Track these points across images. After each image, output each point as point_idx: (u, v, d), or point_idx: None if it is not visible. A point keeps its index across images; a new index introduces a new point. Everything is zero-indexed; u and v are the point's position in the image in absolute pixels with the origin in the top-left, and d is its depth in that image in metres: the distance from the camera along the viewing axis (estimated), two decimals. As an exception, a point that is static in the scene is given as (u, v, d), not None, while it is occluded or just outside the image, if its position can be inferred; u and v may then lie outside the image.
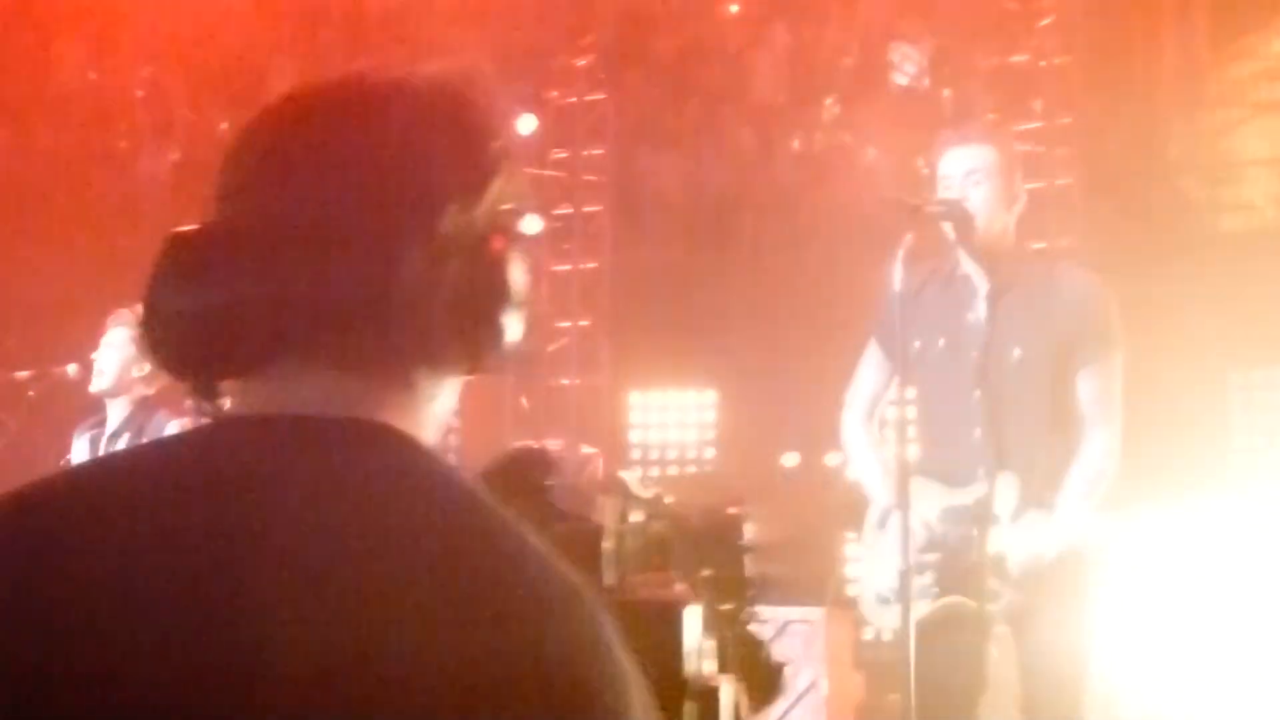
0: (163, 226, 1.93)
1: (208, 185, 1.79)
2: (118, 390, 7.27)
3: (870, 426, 5.38)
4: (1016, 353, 5.02)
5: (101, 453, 7.20)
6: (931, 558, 4.96)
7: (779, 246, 14.58)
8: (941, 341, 5.14)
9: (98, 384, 7.24)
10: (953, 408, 5.14)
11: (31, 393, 7.27)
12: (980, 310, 5.10)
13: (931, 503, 5.01)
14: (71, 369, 7.25)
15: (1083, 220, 12.75)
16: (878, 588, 5.09)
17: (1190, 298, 12.58)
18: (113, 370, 7.22)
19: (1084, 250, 12.66)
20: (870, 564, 5.22)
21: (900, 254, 4.67)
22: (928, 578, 4.97)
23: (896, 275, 4.66)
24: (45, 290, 13.60)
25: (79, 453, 7.34)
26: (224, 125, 15.74)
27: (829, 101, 14.94)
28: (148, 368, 7.25)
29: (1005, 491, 4.92)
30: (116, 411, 7.29)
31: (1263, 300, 12.38)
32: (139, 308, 5.66)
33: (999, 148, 5.20)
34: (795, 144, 15.15)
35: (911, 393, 5.43)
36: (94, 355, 7.24)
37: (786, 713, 8.28)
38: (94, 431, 7.33)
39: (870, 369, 5.41)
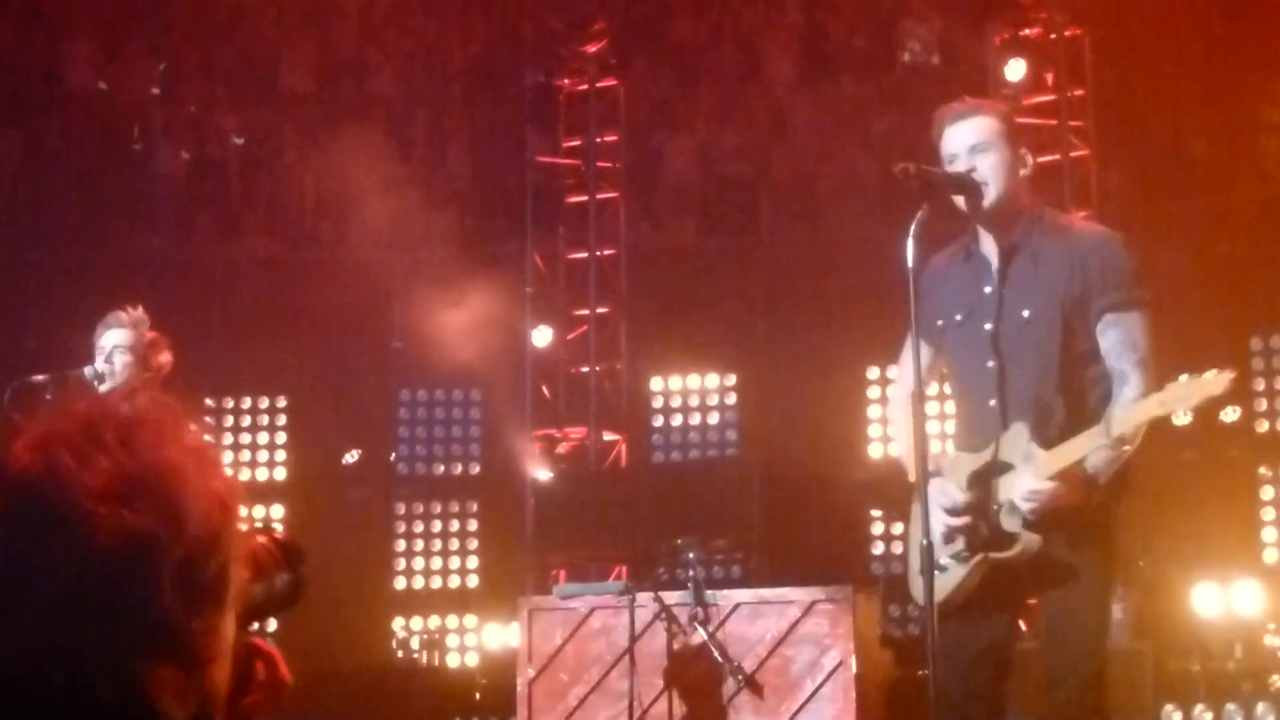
0: (176, 226, 1.94)
1: (219, 185, 1.81)
2: (130, 392, 7.26)
3: (912, 409, 5.03)
4: (1025, 313, 5.02)
5: None
6: (960, 522, 4.97)
7: (795, 228, 14.60)
8: (958, 316, 5.14)
9: (108, 384, 7.21)
10: (973, 381, 5.15)
11: (48, 395, 7.28)
12: (994, 282, 5.10)
13: (961, 473, 5.04)
14: (89, 371, 7.25)
15: (1098, 191, 12.73)
16: (919, 563, 4.88)
17: (1208, 265, 12.58)
18: (125, 371, 7.22)
19: (1100, 221, 12.65)
20: (914, 541, 5.06)
21: (913, 229, 4.66)
22: (959, 543, 4.98)
23: (910, 251, 4.65)
24: (59, 292, 13.66)
25: None
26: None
27: (842, 81, 14.94)
28: (150, 372, 7.28)
29: (1014, 440, 4.92)
30: None
31: (1278, 265, 12.38)
32: (134, 309, 5.55)
33: (995, 116, 5.18)
34: (808, 125, 15.14)
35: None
36: (100, 359, 7.22)
37: (817, 690, 8.30)
38: None
39: (910, 351, 5.16)
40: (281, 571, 2.50)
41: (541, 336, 13.58)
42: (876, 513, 12.67)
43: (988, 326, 5.07)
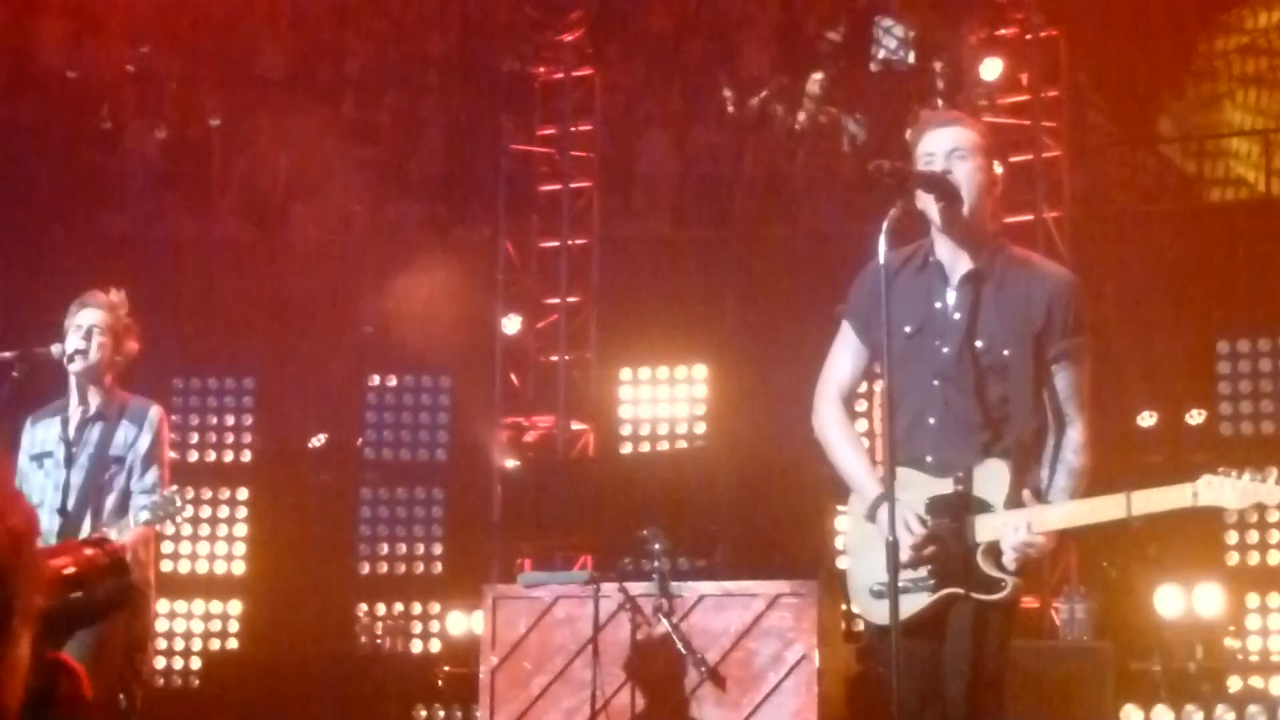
0: (150, 205, 1.94)
1: (191, 166, 1.81)
2: (98, 376, 7.26)
3: (845, 414, 5.25)
4: (980, 344, 5.01)
5: (75, 434, 7.20)
6: (928, 551, 4.91)
7: (768, 221, 14.61)
8: (907, 328, 5.07)
9: (82, 364, 7.19)
10: (914, 395, 5.07)
11: (16, 374, 7.26)
12: (949, 298, 5.08)
13: (917, 493, 4.97)
14: (56, 349, 7.23)
15: (1070, 192, 12.78)
16: (871, 582, 4.98)
17: (1176, 268, 12.63)
18: (99, 352, 7.20)
19: (1072, 222, 12.70)
20: (861, 557, 5.09)
21: (886, 226, 4.68)
22: (923, 571, 4.93)
23: (882, 248, 4.66)
24: (31, 270, 13.61)
25: (47, 437, 7.30)
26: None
27: (818, 76, 14.96)
28: (120, 356, 7.27)
29: (992, 479, 4.92)
30: (92, 395, 7.28)
31: (1248, 270, 12.44)
32: (114, 291, 5.60)
33: (977, 131, 5.18)
34: (783, 119, 15.16)
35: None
36: (77, 336, 7.20)
37: (779, 684, 8.32)
38: (62, 415, 7.31)
39: (844, 352, 5.31)
40: (108, 578, 2.65)
41: (512, 324, 13.57)
42: (843, 508, 12.68)
43: (945, 350, 5.04)
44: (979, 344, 5.01)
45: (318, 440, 14.25)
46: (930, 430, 5.01)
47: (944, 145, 5.06)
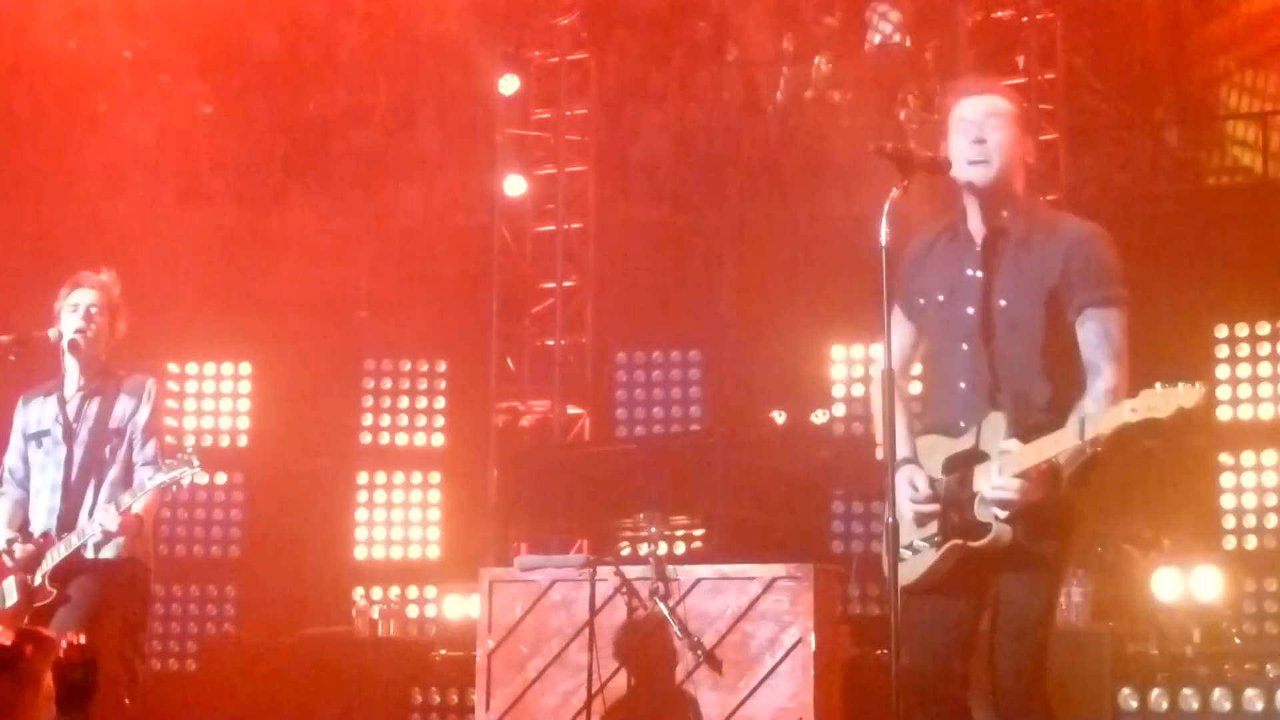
0: (144, 191, 1.92)
1: (188, 151, 1.78)
2: (95, 355, 7.32)
3: (892, 388, 5.16)
4: (1004, 301, 5.10)
5: (74, 411, 7.25)
6: (932, 508, 5.10)
7: (764, 205, 14.57)
8: (940, 296, 5.22)
9: (83, 343, 7.25)
10: (946, 361, 5.22)
11: (12, 357, 7.28)
12: (973, 265, 5.18)
13: (936, 457, 5.15)
14: (53, 333, 7.27)
15: (1066, 175, 12.75)
16: (903, 540, 5.12)
17: (1174, 251, 12.60)
18: (98, 330, 7.28)
19: (1067, 206, 12.68)
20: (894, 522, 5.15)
21: (887, 208, 4.68)
22: (932, 528, 5.11)
23: (884, 230, 4.67)
24: (23, 255, 13.58)
25: (42, 415, 7.35)
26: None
27: (817, 61, 14.92)
28: (116, 335, 7.35)
29: (993, 430, 5.02)
30: (89, 373, 7.32)
31: (1246, 253, 12.41)
32: (106, 272, 6.01)
33: (1013, 101, 5.29)
34: (780, 102, 15.13)
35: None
36: (75, 316, 7.24)
37: (776, 667, 8.32)
38: (58, 394, 7.36)
39: (895, 330, 5.29)
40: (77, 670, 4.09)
41: (507, 308, 13.55)
42: (838, 491, 12.68)
43: (969, 310, 5.13)
44: (1001, 303, 5.10)
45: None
46: (961, 394, 5.15)
47: (981, 109, 5.14)
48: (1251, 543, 12.17)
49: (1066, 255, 5.08)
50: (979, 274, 5.14)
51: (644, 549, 8.33)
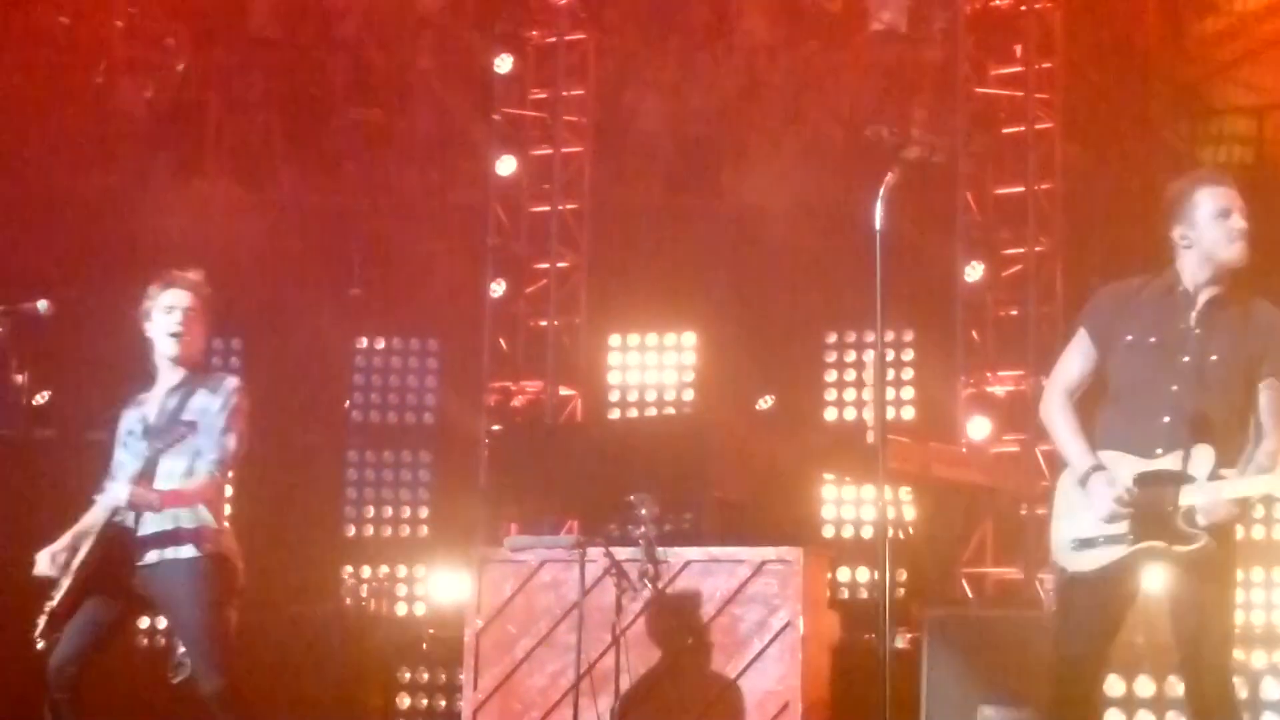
0: (137, 163, 1.91)
1: (181, 125, 1.77)
2: (190, 356, 7.35)
3: (1069, 405, 6.17)
4: (1214, 358, 5.96)
5: (156, 408, 7.24)
6: (1127, 512, 5.85)
7: (760, 188, 14.55)
8: (1152, 339, 6.01)
9: (177, 347, 7.25)
10: (1150, 397, 5.98)
11: (1, 329, 7.26)
12: (1191, 319, 6.01)
13: (1126, 470, 5.91)
14: (42, 305, 7.23)
15: (1062, 164, 12.75)
16: (1077, 534, 5.96)
17: (1166, 244, 12.59)
18: (193, 334, 7.29)
19: (1062, 195, 12.68)
20: (1067, 517, 6.06)
21: (881, 192, 4.69)
22: (1124, 526, 5.87)
23: (878, 214, 4.67)
24: (17, 227, 13.56)
25: (131, 418, 7.35)
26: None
27: (812, 44, 14.90)
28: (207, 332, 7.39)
29: (1201, 459, 5.85)
30: (175, 372, 7.32)
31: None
32: (191, 271, 5.88)
33: (1237, 189, 6.14)
34: (776, 87, 15.10)
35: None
36: (168, 319, 7.26)
37: (764, 650, 8.33)
38: (146, 394, 7.38)
39: (1077, 355, 6.23)
40: None
41: (501, 289, 13.53)
42: (829, 476, 12.68)
43: (1185, 359, 5.98)
44: (1213, 357, 5.97)
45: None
46: (1164, 426, 5.93)
47: (1234, 199, 6.09)
48: (1238, 533, 12.18)
49: (1267, 332, 6.00)
50: (1199, 330, 5.98)
51: (634, 531, 8.32)
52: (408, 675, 11.55)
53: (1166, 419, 5.95)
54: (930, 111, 14.17)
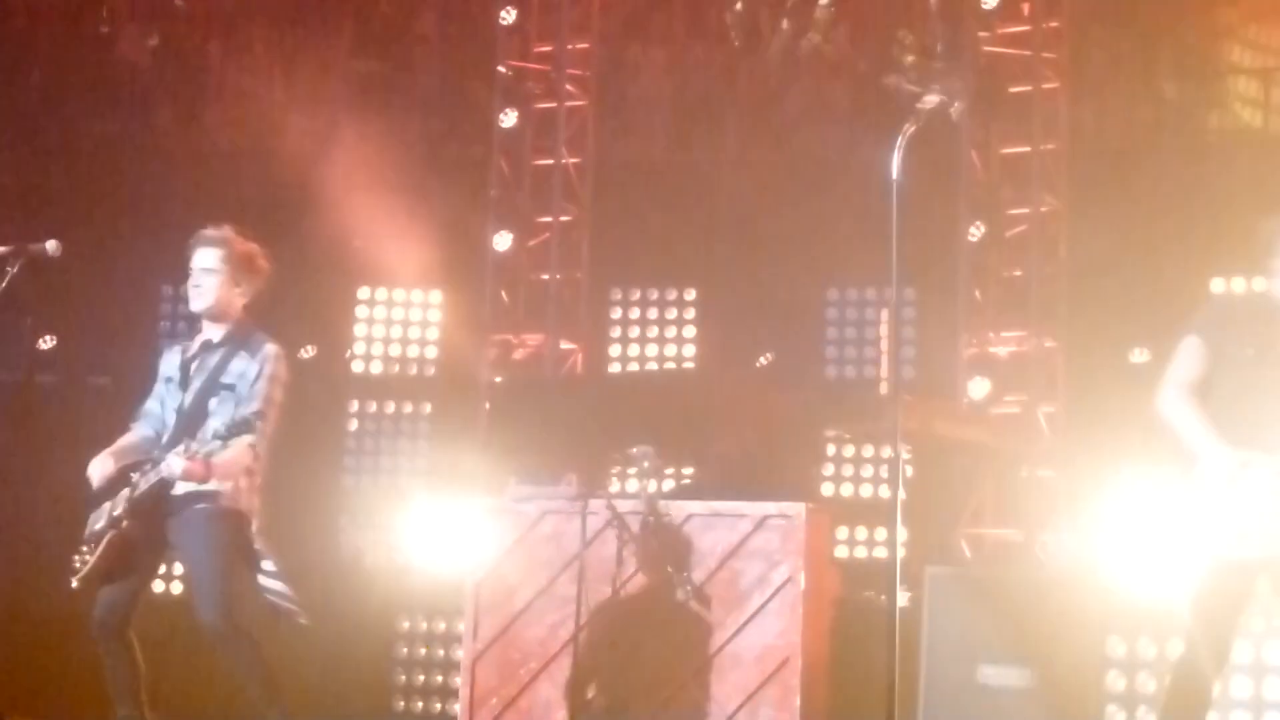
0: (140, 111, 1.89)
1: (184, 74, 1.74)
2: (220, 313, 7.61)
3: (1192, 399, 6.62)
4: None
5: (195, 362, 7.32)
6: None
7: (764, 144, 14.52)
8: (1250, 351, 6.59)
9: (199, 305, 7.57)
10: (1256, 400, 6.48)
11: (10, 268, 7.28)
12: None
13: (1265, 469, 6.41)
14: (51, 245, 7.26)
15: (1067, 124, 12.71)
16: (1239, 526, 6.42)
17: (1174, 204, 12.58)
18: (213, 292, 7.41)
19: (1069, 155, 12.65)
20: (1227, 509, 6.47)
21: (899, 142, 4.67)
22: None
23: (895, 164, 4.66)
24: (21, 173, 13.53)
25: (171, 362, 7.61)
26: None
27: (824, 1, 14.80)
28: (242, 286, 7.44)
29: None
30: (214, 328, 7.63)
31: (1245, 208, 12.38)
32: (226, 227, 5.92)
33: None
34: (782, 41, 15.03)
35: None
36: (192, 280, 7.58)
37: (764, 605, 8.34)
38: (186, 342, 7.67)
39: (1191, 357, 6.73)
40: None
41: (503, 241, 13.50)
42: (830, 433, 12.67)
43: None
44: None
45: (307, 352, 14.18)
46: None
47: None
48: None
49: None
50: None
51: (635, 485, 8.33)
52: (406, 624, 11.57)
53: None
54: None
